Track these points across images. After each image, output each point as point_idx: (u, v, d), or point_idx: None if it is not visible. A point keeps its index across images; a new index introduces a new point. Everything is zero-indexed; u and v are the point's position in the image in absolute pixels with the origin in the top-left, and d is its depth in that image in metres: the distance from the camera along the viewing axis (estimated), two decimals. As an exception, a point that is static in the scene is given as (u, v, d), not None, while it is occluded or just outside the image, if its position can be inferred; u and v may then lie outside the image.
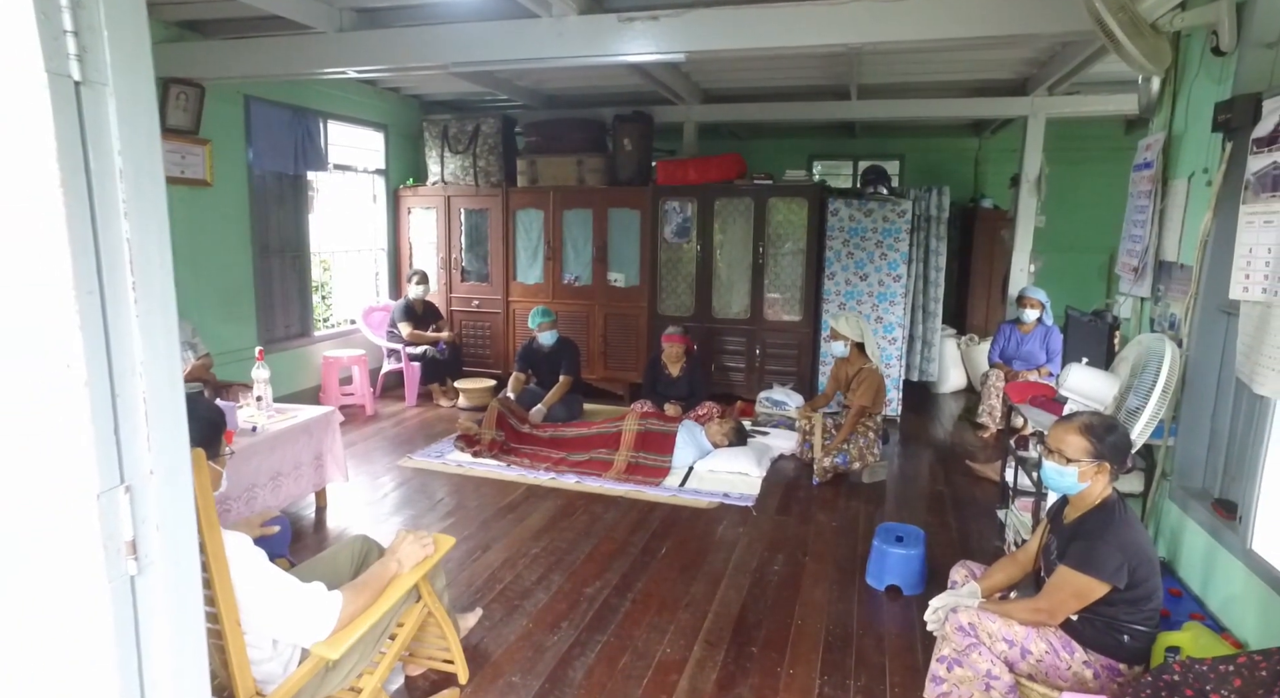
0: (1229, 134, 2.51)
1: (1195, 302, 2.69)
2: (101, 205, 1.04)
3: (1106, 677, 2.14)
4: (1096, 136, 7.77)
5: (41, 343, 1.03)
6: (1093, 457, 2.17)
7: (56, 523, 1.07)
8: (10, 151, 0.99)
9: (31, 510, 1.07)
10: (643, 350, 6.40)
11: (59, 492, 1.06)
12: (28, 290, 1.02)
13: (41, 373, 1.03)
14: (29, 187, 0.99)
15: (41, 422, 1.04)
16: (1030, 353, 5.42)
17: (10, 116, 0.98)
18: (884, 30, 3.29)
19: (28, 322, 1.03)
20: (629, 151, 6.17)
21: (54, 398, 1.04)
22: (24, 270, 1.01)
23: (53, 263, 1.00)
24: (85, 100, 1.01)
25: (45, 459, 1.05)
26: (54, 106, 0.97)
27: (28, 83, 0.96)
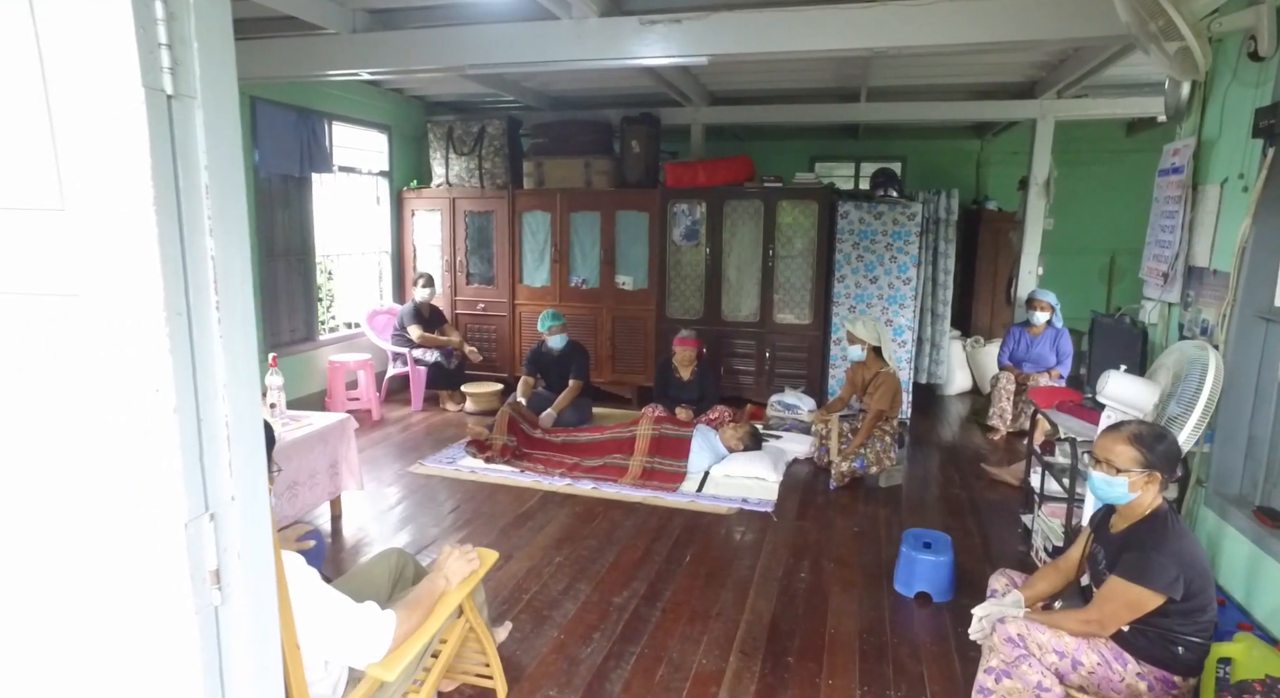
0: (1271, 140, 2.51)
1: (1233, 309, 2.68)
2: (189, 222, 1.00)
3: (1161, 689, 2.12)
4: (1097, 139, 7.81)
5: (128, 366, 0.98)
6: (1143, 466, 2.15)
7: (142, 553, 1.03)
8: (102, 169, 0.94)
9: (116, 540, 1.03)
10: (651, 354, 6.36)
11: (145, 520, 1.01)
12: (115, 312, 0.97)
13: (128, 398, 0.99)
14: (120, 204, 0.94)
15: (127, 448, 1.00)
16: (1040, 355, 5.43)
17: (103, 133, 0.93)
18: (907, 34, 3.27)
19: (114, 344, 0.98)
20: (637, 154, 6.14)
21: (140, 424, 0.99)
22: (111, 291, 0.97)
23: (142, 283, 0.96)
24: (176, 115, 0.96)
25: (131, 487, 1.01)
26: (150, 122, 0.92)
27: (122, 98, 0.92)
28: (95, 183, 0.95)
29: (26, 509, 1.05)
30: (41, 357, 1.00)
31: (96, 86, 0.92)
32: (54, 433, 1.02)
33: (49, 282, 0.99)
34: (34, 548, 1.06)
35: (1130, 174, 7.77)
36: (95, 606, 1.05)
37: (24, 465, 1.04)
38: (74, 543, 1.04)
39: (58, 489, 1.03)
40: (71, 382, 1.00)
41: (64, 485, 1.03)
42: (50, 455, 1.02)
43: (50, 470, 1.03)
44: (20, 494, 1.05)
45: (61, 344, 1.00)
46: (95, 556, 1.03)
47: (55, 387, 1.01)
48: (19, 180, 0.97)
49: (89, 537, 1.03)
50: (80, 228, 0.97)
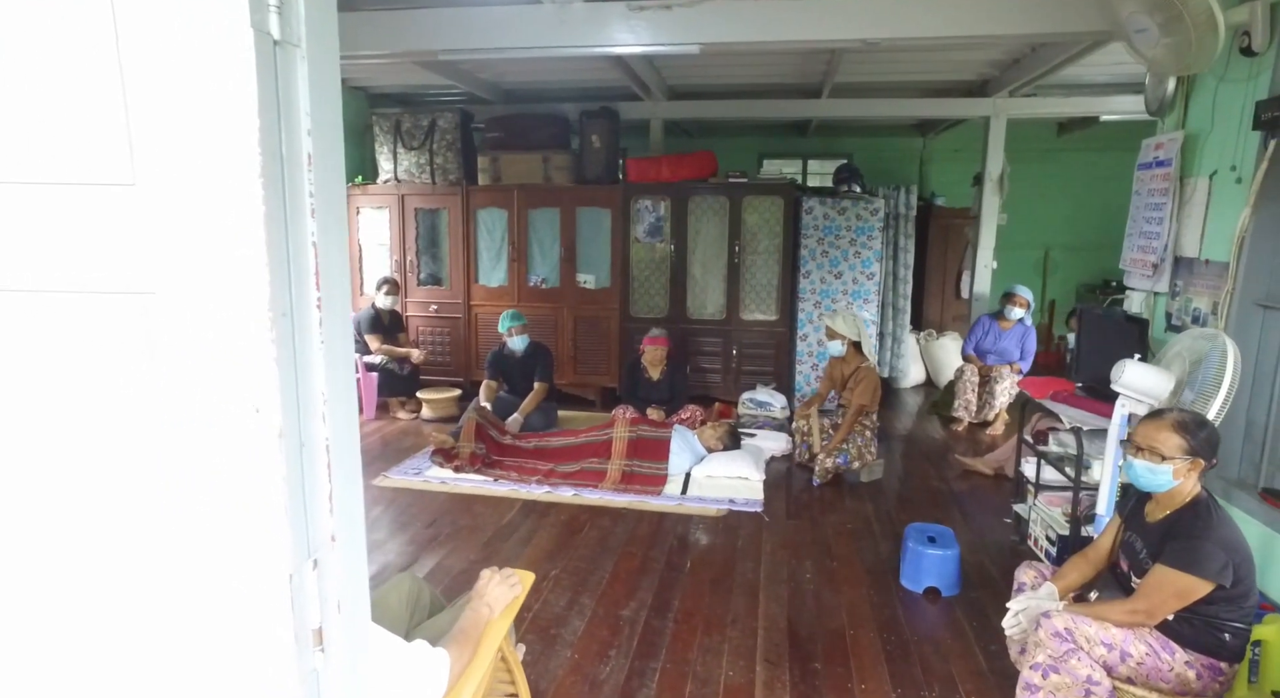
0: (1272, 132, 2.57)
1: (1232, 297, 2.75)
2: (291, 200, 0.81)
3: (1209, 677, 2.13)
4: (1029, 139, 8.09)
5: (220, 381, 0.78)
6: (1188, 454, 2.16)
7: (236, 612, 0.83)
8: (187, 132, 0.74)
9: (205, 596, 0.82)
10: (615, 354, 6.21)
11: (241, 572, 0.82)
12: (201, 314, 0.77)
13: (219, 421, 0.79)
14: (212, 178, 0.75)
15: (219, 484, 0.80)
16: (1006, 349, 5.56)
17: (192, 87, 0.73)
18: (899, 26, 3.25)
19: (201, 354, 0.78)
20: (597, 149, 5.97)
21: (236, 452, 0.79)
22: (196, 287, 0.77)
23: (241, 277, 0.76)
24: (280, 66, 0.77)
25: (224, 531, 0.81)
26: (259, 74, 0.73)
27: (221, 41, 0.72)
28: (177, 150, 0.75)
29: (96, 564, 0.83)
30: (107, 372, 0.79)
31: (183, 26, 0.72)
32: (123, 468, 0.80)
33: (114, 276, 0.78)
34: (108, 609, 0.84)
35: (1062, 173, 8.12)
36: (177, 678, 0.85)
37: (89, 509, 0.82)
38: (153, 600, 0.83)
39: (131, 540, 0.82)
40: (145, 403, 0.79)
41: (138, 534, 0.82)
42: (119, 498, 0.81)
43: (120, 517, 0.82)
44: (88, 545, 0.83)
45: (132, 355, 0.79)
46: (178, 616, 0.83)
47: (125, 410, 0.80)
48: (72, 146, 0.76)
49: (171, 593, 0.83)
50: (155, 208, 0.76)
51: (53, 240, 0.78)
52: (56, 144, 0.76)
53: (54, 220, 0.77)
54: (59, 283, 0.78)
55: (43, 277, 0.78)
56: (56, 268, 0.78)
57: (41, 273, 0.78)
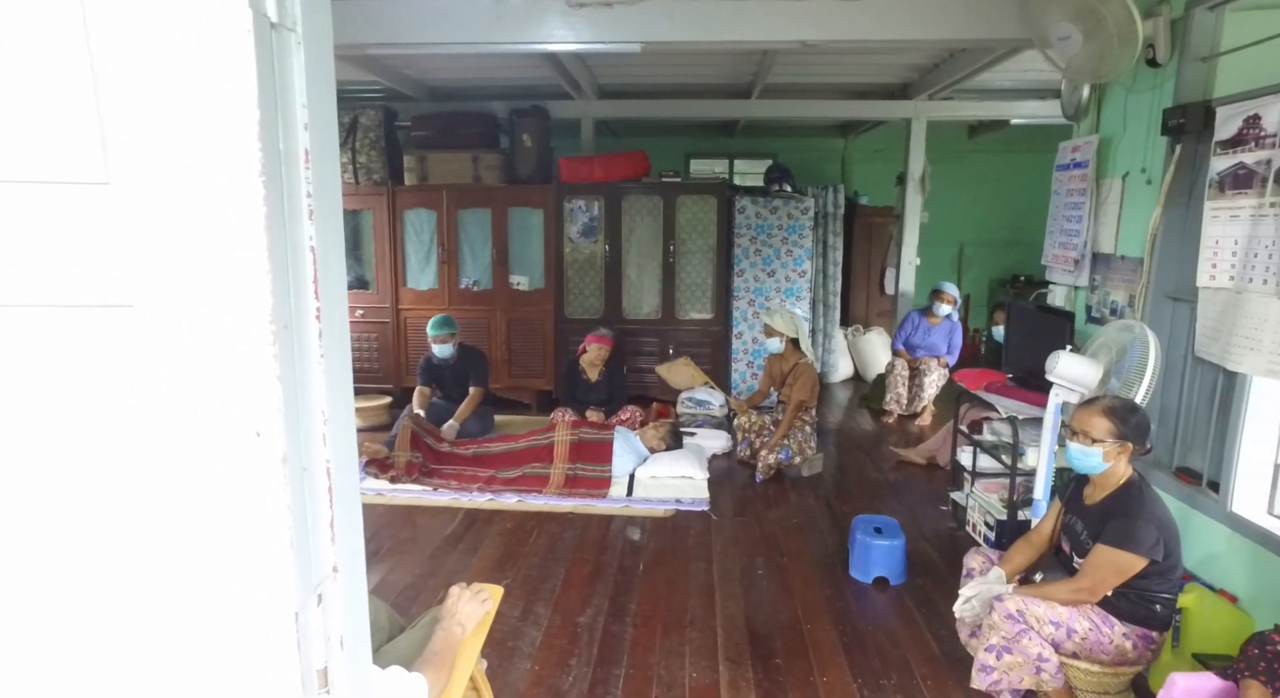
0: (1177, 138, 2.75)
1: (1146, 290, 2.93)
2: (289, 201, 0.74)
3: (1143, 646, 2.26)
4: (941, 141, 8.43)
5: (215, 403, 0.70)
6: (1117, 437, 2.29)
7: (237, 655, 0.75)
8: (171, 124, 0.66)
9: (208, 639, 0.74)
10: (550, 356, 6.13)
11: (244, 611, 0.74)
12: (189, 329, 0.69)
13: (216, 447, 0.71)
14: (201, 176, 0.67)
15: (221, 515, 0.72)
16: (934, 344, 5.78)
17: (176, 72, 0.65)
18: (837, 29, 3.32)
19: (189, 373, 0.70)
20: (529, 148, 5.87)
21: (235, 481, 0.72)
22: (184, 299, 0.69)
23: (238, 287, 0.69)
24: (277, 52, 0.70)
25: (227, 568, 0.73)
26: (258, 60, 0.66)
27: (213, 21, 0.65)
28: (159, 146, 0.67)
29: (92, 607, 0.74)
30: (79, 395, 0.70)
31: (169, 5, 0.65)
32: (106, 507, 0.71)
33: (84, 288, 0.69)
34: (104, 656, 0.75)
35: (973, 173, 8.52)
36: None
37: (76, 551, 0.72)
38: (147, 646, 0.74)
39: (123, 581, 0.73)
40: (124, 430, 0.71)
41: (130, 576, 0.73)
42: (105, 539, 0.72)
43: (108, 558, 0.72)
44: (82, 586, 0.73)
45: (108, 376, 0.70)
46: (174, 662, 0.74)
47: (101, 440, 0.71)
48: (32, 138, 0.67)
49: (167, 638, 0.74)
50: (132, 210, 0.68)
51: (6, 247, 0.68)
52: (10, 134, 0.67)
53: (8, 224, 0.68)
54: (13, 296, 0.68)
55: (0, 290, 0.68)
56: (10, 278, 0.68)
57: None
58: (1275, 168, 2.37)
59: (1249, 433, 2.54)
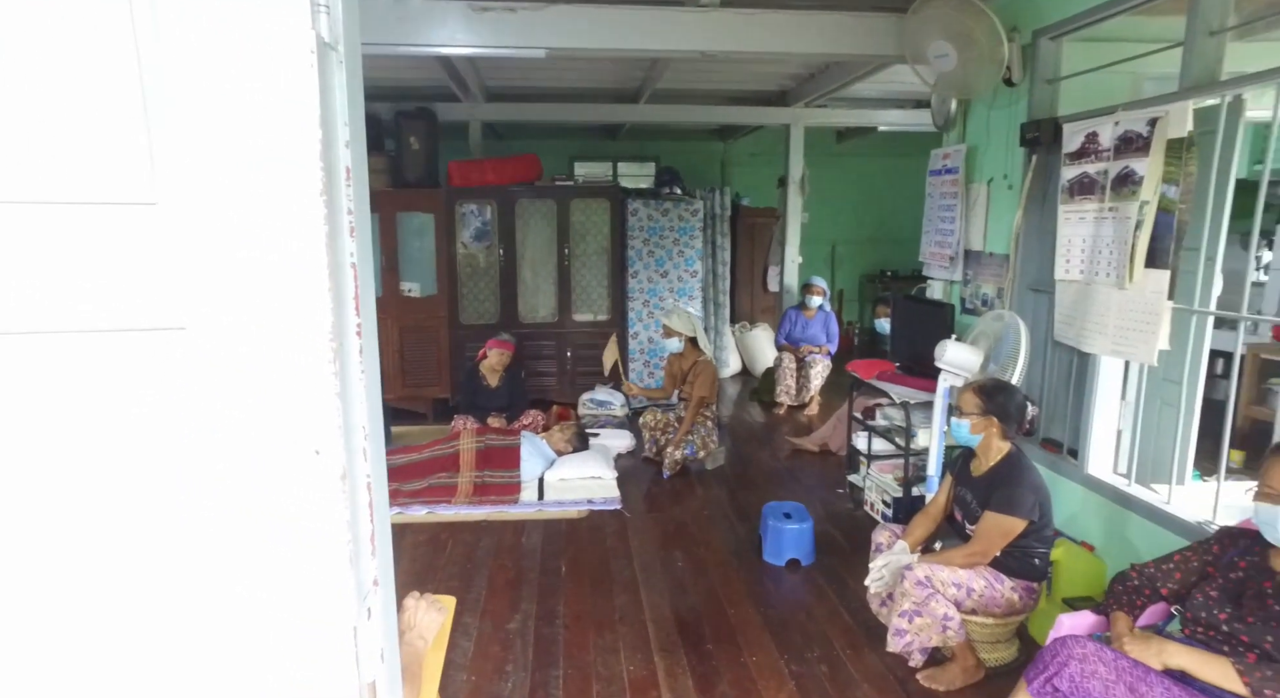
0: (1033, 149, 3.11)
1: (1012, 283, 3.29)
2: (333, 219, 0.74)
3: (1027, 596, 2.55)
4: (812, 144, 8.93)
5: (271, 422, 0.71)
6: (981, 412, 2.58)
7: (295, 674, 0.75)
8: (225, 144, 0.66)
9: (270, 657, 0.73)
10: (445, 364, 6.00)
11: (306, 627, 0.74)
12: (244, 349, 0.69)
13: (274, 466, 0.71)
14: (272, 194, 0.67)
15: (285, 534, 0.72)
16: (814, 335, 6.13)
17: (233, 92, 0.65)
18: (733, 40, 3.49)
19: (244, 394, 0.70)
20: (416, 150, 5.72)
21: (295, 499, 0.72)
22: (238, 320, 0.69)
23: (296, 306, 0.70)
24: (329, 72, 0.71)
25: (290, 585, 0.73)
26: (321, 83, 0.67)
27: (282, 46, 0.65)
28: (209, 165, 0.66)
29: (155, 633, 0.70)
30: (134, 421, 0.68)
31: (223, 23, 0.64)
32: (169, 533, 0.69)
33: (133, 312, 0.67)
34: (166, 675, 0.72)
35: (842, 176, 9.08)
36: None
37: (139, 576, 0.69)
38: (216, 662, 0.72)
39: (185, 603, 0.71)
40: (180, 454, 0.69)
41: (193, 598, 0.71)
42: (167, 563, 0.70)
43: (169, 582, 0.70)
44: (147, 613, 0.70)
45: (161, 400, 0.68)
46: (242, 680, 0.73)
47: (158, 466, 0.69)
48: (77, 158, 0.64)
49: (230, 658, 0.72)
50: (182, 231, 0.67)
51: (51, 271, 0.65)
52: (55, 155, 0.64)
53: (51, 247, 0.65)
54: (62, 322, 0.65)
55: (41, 316, 0.65)
56: (58, 304, 0.65)
57: (40, 311, 0.65)
58: (1111, 177, 2.74)
59: (1099, 405, 2.92)
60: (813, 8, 3.56)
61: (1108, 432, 3.03)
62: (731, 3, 3.47)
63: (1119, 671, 1.67)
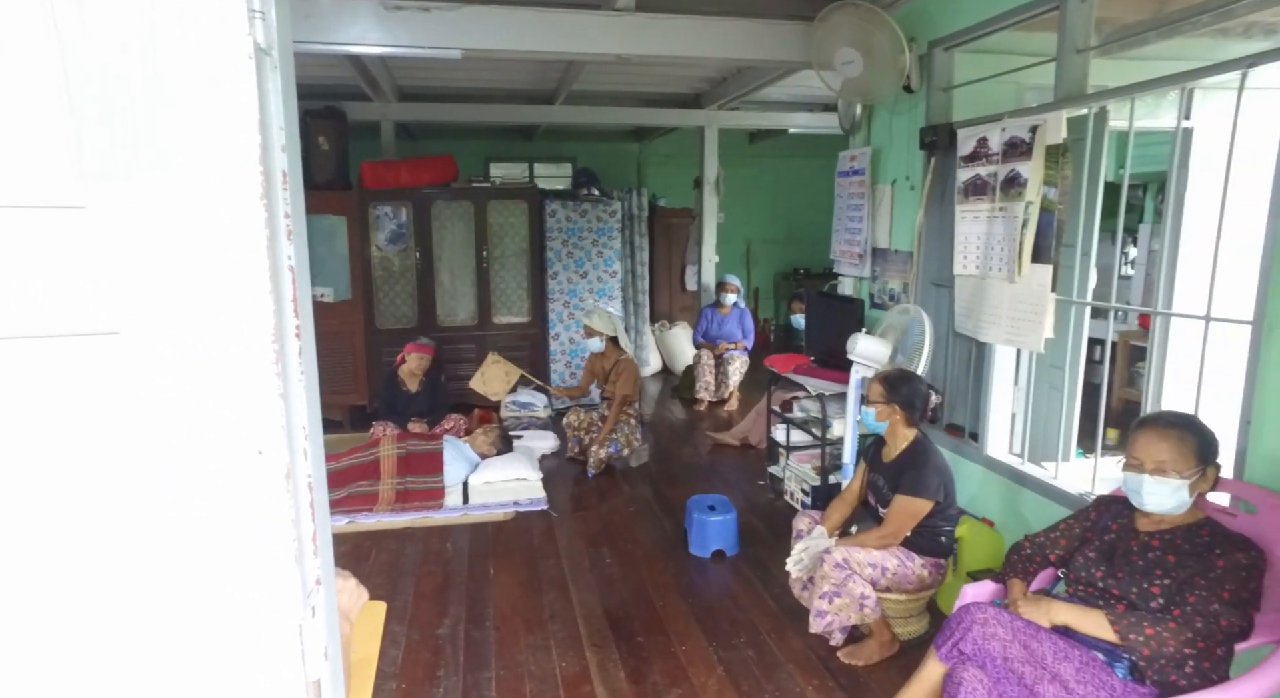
0: (932, 152, 3.31)
1: (916, 279, 3.49)
2: (272, 222, 0.75)
3: (936, 572, 2.73)
4: (726, 146, 9.13)
5: (219, 422, 0.71)
6: (886, 401, 2.75)
7: (248, 671, 0.75)
8: (153, 147, 0.66)
9: (217, 658, 0.73)
10: (362, 370, 5.85)
11: (251, 627, 0.75)
12: (181, 353, 0.70)
13: (225, 465, 0.72)
14: (211, 198, 0.68)
15: (229, 535, 0.72)
16: (730, 332, 6.29)
17: (193, 103, 0.66)
18: (652, 44, 3.56)
19: (181, 397, 0.71)
20: (325, 151, 5.55)
21: (243, 499, 0.73)
22: (193, 323, 0.69)
23: (243, 308, 0.71)
24: (263, 77, 0.72)
25: (235, 585, 0.73)
26: (259, 88, 0.68)
27: (218, 50, 0.66)
28: (142, 167, 0.66)
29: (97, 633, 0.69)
30: (68, 427, 0.67)
31: (163, 31, 0.65)
32: (109, 535, 0.69)
33: (62, 316, 0.66)
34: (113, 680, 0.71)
35: (755, 176, 9.34)
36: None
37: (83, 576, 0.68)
38: (159, 664, 0.72)
39: (130, 601, 0.70)
40: (119, 459, 0.69)
41: (136, 595, 0.70)
42: (111, 561, 0.69)
43: (114, 586, 0.69)
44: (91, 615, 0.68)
45: (96, 406, 0.68)
46: (187, 681, 0.73)
47: (96, 471, 0.68)
48: (4, 161, 0.63)
49: (176, 660, 0.72)
50: (112, 235, 0.67)
51: None
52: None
53: None
54: None
55: (-34, 322, 0.63)
56: None
57: (-35, 318, 0.63)
58: (1000, 179, 2.95)
59: (995, 391, 3.14)
60: (725, 14, 3.68)
61: (1003, 416, 3.26)
62: (646, 7, 3.54)
63: (1014, 631, 1.83)
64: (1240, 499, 1.99)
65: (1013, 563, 2.19)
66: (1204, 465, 1.81)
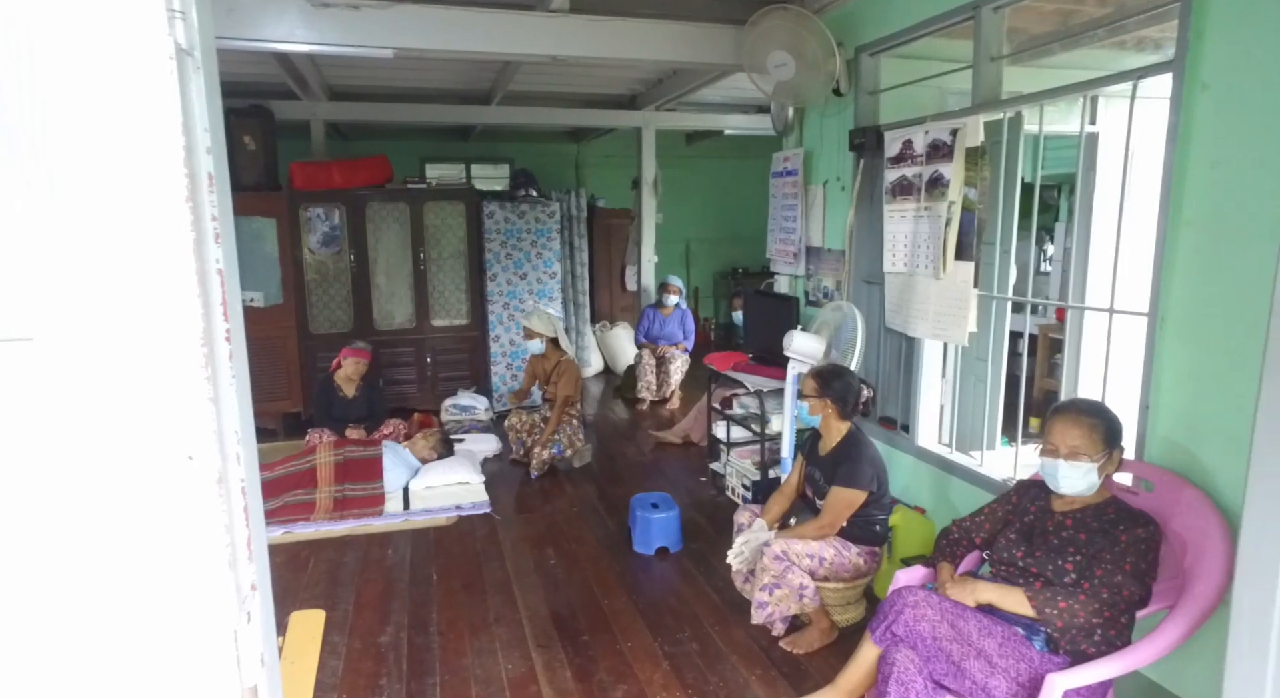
0: (860, 154, 3.43)
1: (849, 276, 3.60)
2: (199, 225, 0.75)
3: (871, 560, 2.82)
4: (664, 146, 9.19)
5: (147, 428, 0.71)
6: (818, 395, 2.83)
7: (182, 677, 0.74)
8: (105, 153, 0.66)
9: (152, 664, 0.72)
10: (295, 376, 5.69)
11: (186, 632, 0.74)
12: (120, 356, 0.69)
13: (153, 470, 0.71)
14: (138, 202, 0.67)
15: (160, 541, 0.71)
16: (671, 333, 6.36)
17: (112, 105, 0.65)
18: (587, 46, 3.57)
19: (117, 402, 0.70)
20: (252, 151, 5.38)
21: (174, 505, 0.72)
22: (116, 327, 0.69)
23: (170, 312, 0.70)
24: (188, 79, 0.72)
25: (169, 591, 0.72)
26: (180, 89, 0.68)
27: (139, 51, 0.66)
28: (58, 170, 0.65)
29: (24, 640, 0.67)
30: (-15, 439, 0.65)
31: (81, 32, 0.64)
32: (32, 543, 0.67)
33: (-20, 323, 0.64)
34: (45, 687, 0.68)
35: (692, 177, 9.44)
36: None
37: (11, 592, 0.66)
38: (91, 670, 0.70)
39: (57, 610, 0.68)
40: (42, 467, 0.67)
41: (65, 605, 0.68)
42: (35, 568, 0.67)
43: (41, 587, 0.67)
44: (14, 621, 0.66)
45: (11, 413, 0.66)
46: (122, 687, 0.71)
47: (12, 475, 0.66)
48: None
49: (110, 664, 0.71)
50: (25, 240, 0.65)
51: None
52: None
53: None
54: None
55: None
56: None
57: None
58: (924, 180, 3.08)
59: (924, 384, 3.27)
60: (659, 17, 3.72)
61: (932, 407, 3.40)
62: (580, 9, 3.56)
63: (942, 612, 1.92)
64: (1142, 479, 2.13)
65: (941, 547, 2.29)
66: (1110, 449, 1.94)
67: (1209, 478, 1.99)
